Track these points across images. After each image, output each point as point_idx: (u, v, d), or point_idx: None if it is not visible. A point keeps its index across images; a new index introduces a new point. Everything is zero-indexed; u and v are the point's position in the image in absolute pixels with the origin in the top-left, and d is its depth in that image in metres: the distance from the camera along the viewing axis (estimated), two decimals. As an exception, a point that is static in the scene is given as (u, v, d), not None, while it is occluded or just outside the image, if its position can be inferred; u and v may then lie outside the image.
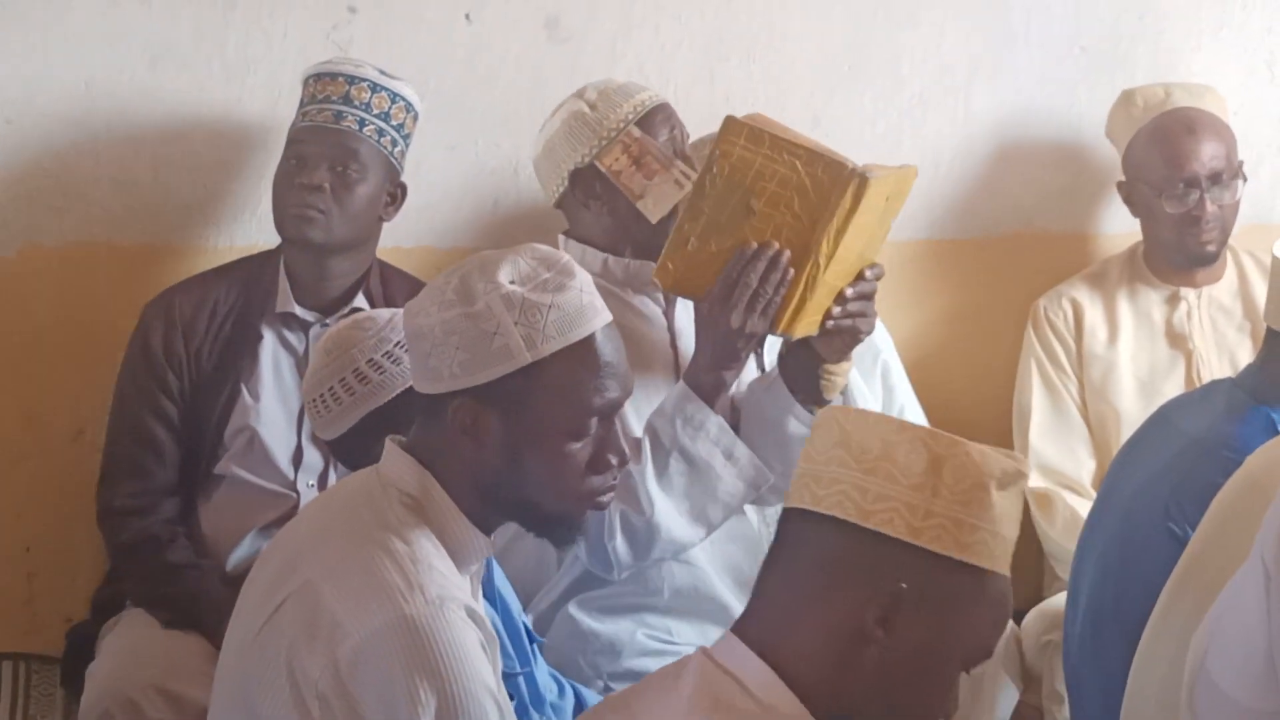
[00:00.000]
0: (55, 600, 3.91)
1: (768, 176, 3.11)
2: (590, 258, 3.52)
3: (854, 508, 2.15)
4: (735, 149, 3.12)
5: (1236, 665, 2.34)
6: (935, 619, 2.15)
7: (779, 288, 3.15)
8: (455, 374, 2.46)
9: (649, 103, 3.55)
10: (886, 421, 2.20)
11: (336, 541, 2.48)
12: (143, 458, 3.64)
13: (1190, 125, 4.11)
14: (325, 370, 2.99)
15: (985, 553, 2.17)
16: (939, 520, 2.14)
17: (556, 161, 3.57)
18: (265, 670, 2.43)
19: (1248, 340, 4.19)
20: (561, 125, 3.56)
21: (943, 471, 2.15)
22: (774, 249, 3.13)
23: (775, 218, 3.13)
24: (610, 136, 3.51)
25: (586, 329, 2.49)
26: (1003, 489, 2.17)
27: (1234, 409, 3.25)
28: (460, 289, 2.48)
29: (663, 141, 3.52)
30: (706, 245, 3.16)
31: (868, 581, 2.14)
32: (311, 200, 3.61)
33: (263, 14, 3.91)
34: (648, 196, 3.48)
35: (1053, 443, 4.17)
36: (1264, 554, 2.31)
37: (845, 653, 2.15)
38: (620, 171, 3.49)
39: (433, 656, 2.35)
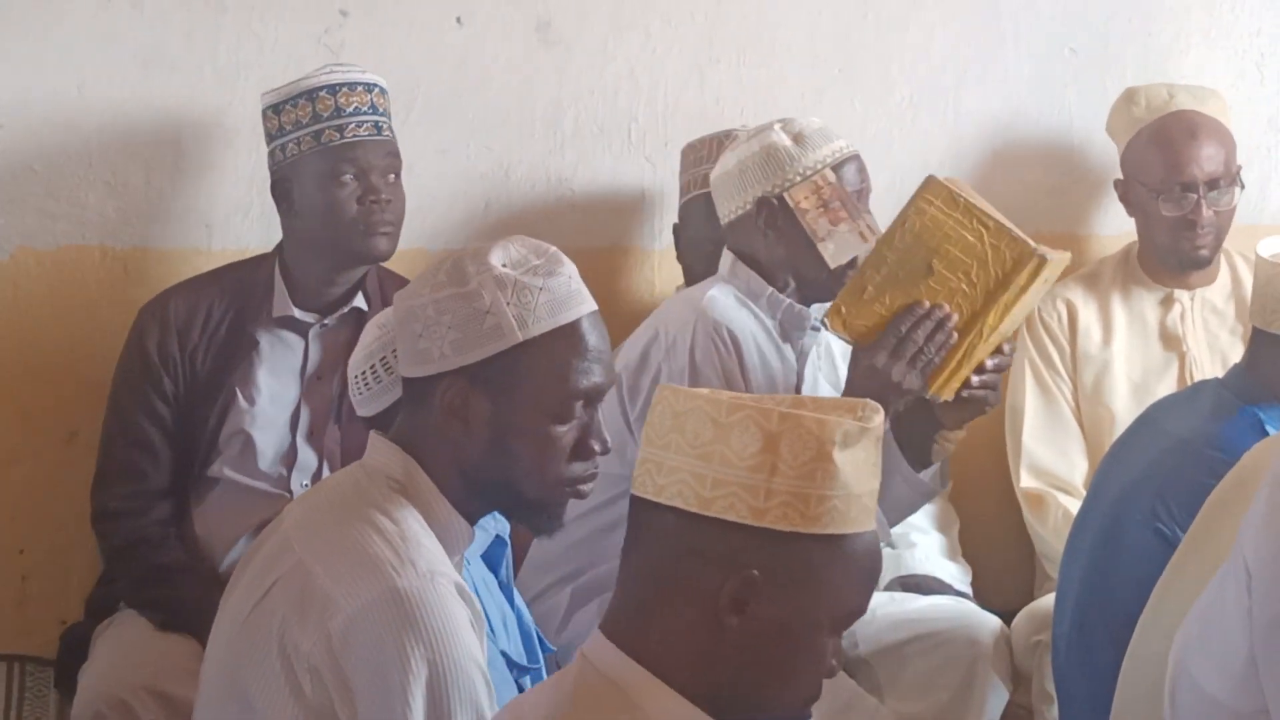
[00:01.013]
0: (49, 602, 3.91)
1: (954, 240, 3.23)
2: (756, 285, 3.57)
3: (694, 497, 2.11)
4: (931, 208, 3.24)
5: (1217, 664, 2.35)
6: (793, 595, 2.11)
7: (941, 350, 3.27)
8: (446, 354, 2.50)
9: (845, 151, 3.59)
10: (715, 403, 2.13)
11: (326, 524, 2.51)
12: (136, 460, 3.65)
13: (1192, 129, 4.10)
14: (376, 344, 2.98)
15: (838, 519, 2.11)
16: (781, 498, 2.09)
17: (746, 184, 3.59)
18: (256, 650, 2.46)
19: (1240, 343, 4.18)
20: (759, 151, 3.57)
21: (779, 448, 2.09)
22: (945, 311, 3.25)
23: (951, 282, 3.24)
24: (805, 175, 3.54)
25: (575, 313, 2.53)
26: (848, 448, 2.11)
27: (1220, 409, 3.26)
28: (452, 272, 2.52)
29: (852, 192, 3.56)
30: (882, 296, 3.28)
31: (717, 570, 2.10)
32: (385, 216, 3.63)
33: (254, 18, 3.91)
34: (830, 241, 3.52)
35: (1046, 444, 4.17)
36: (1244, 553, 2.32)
37: (706, 641, 2.12)
38: (808, 211, 3.53)
39: (425, 627, 2.38)
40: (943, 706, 3.72)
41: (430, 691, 2.38)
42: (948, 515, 4.16)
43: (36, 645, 3.86)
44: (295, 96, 3.64)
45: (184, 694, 3.31)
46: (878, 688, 3.74)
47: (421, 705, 2.38)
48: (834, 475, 2.11)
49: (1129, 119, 4.17)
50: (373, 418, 2.98)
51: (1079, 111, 4.37)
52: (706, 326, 3.51)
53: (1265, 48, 4.50)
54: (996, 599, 4.06)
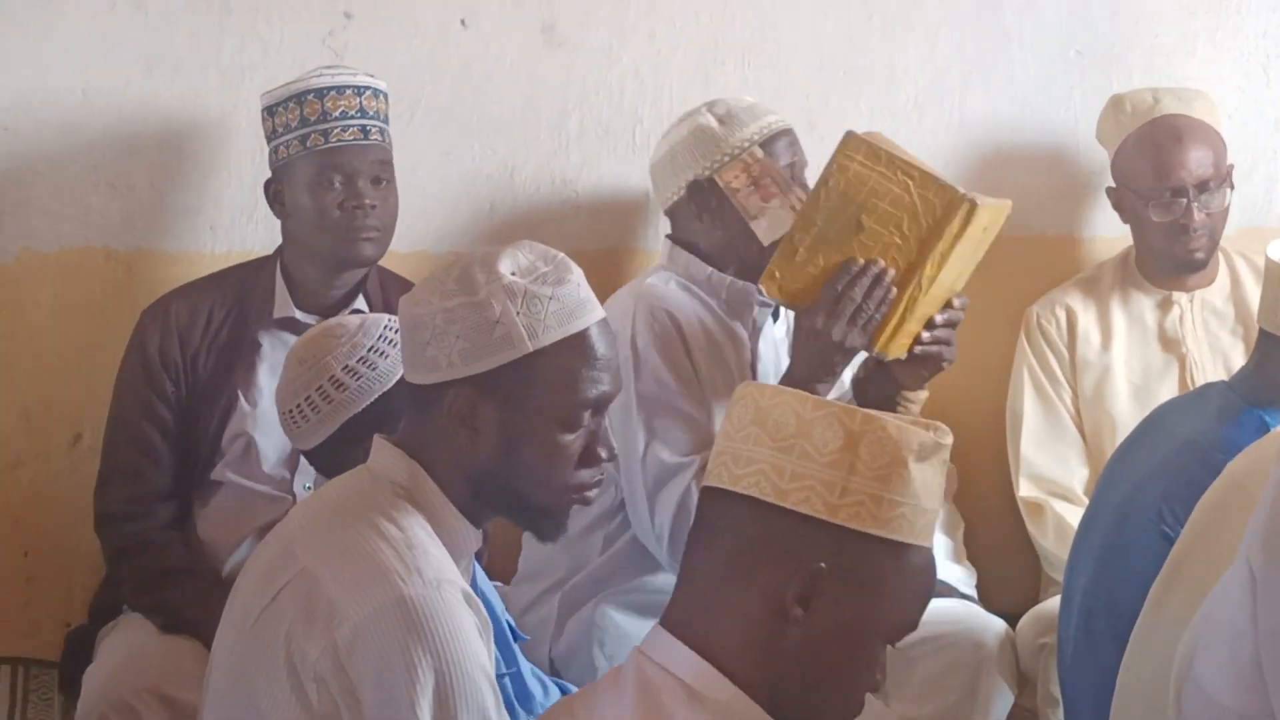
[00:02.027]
0: (53, 605, 3.92)
1: (881, 194, 3.19)
2: (696, 269, 3.58)
3: (770, 487, 2.14)
4: (853, 164, 3.21)
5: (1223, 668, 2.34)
6: (856, 596, 2.14)
7: (881, 305, 3.23)
8: (454, 363, 2.49)
9: (774, 126, 3.59)
10: (802, 399, 2.18)
11: (332, 530, 2.51)
12: (139, 464, 3.65)
13: (1177, 133, 4.09)
14: (301, 380, 2.99)
15: (906, 527, 2.15)
16: (857, 497, 2.13)
17: (677, 169, 3.61)
18: (262, 657, 2.45)
19: (1241, 343, 4.18)
20: (688, 135, 3.60)
21: (859, 448, 2.13)
22: (880, 266, 3.22)
23: (884, 236, 3.20)
24: (733, 154, 3.55)
25: (584, 322, 2.53)
26: (922, 461, 2.15)
27: (1226, 411, 3.26)
28: (461, 279, 2.51)
29: (783, 166, 3.55)
30: (815, 257, 3.24)
31: (787, 561, 2.13)
32: (369, 221, 3.62)
33: (258, 20, 3.91)
34: (763, 218, 3.51)
35: (1045, 451, 4.17)
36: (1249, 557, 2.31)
37: (769, 634, 2.15)
38: (739, 190, 3.52)
39: (431, 636, 2.37)
40: (948, 709, 3.72)
41: (437, 700, 2.38)
42: (952, 518, 4.16)
43: (41, 648, 3.87)
44: (286, 99, 3.64)
45: (188, 697, 3.32)
46: (883, 691, 3.73)
47: (429, 714, 2.37)
48: (908, 483, 2.15)
49: (1116, 126, 4.17)
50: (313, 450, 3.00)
51: (1084, 113, 4.36)
52: (645, 313, 3.51)
53: (1271, 49, 4.49)
54: (1002, 602, 4.05)
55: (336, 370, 2.96)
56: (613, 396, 2.57)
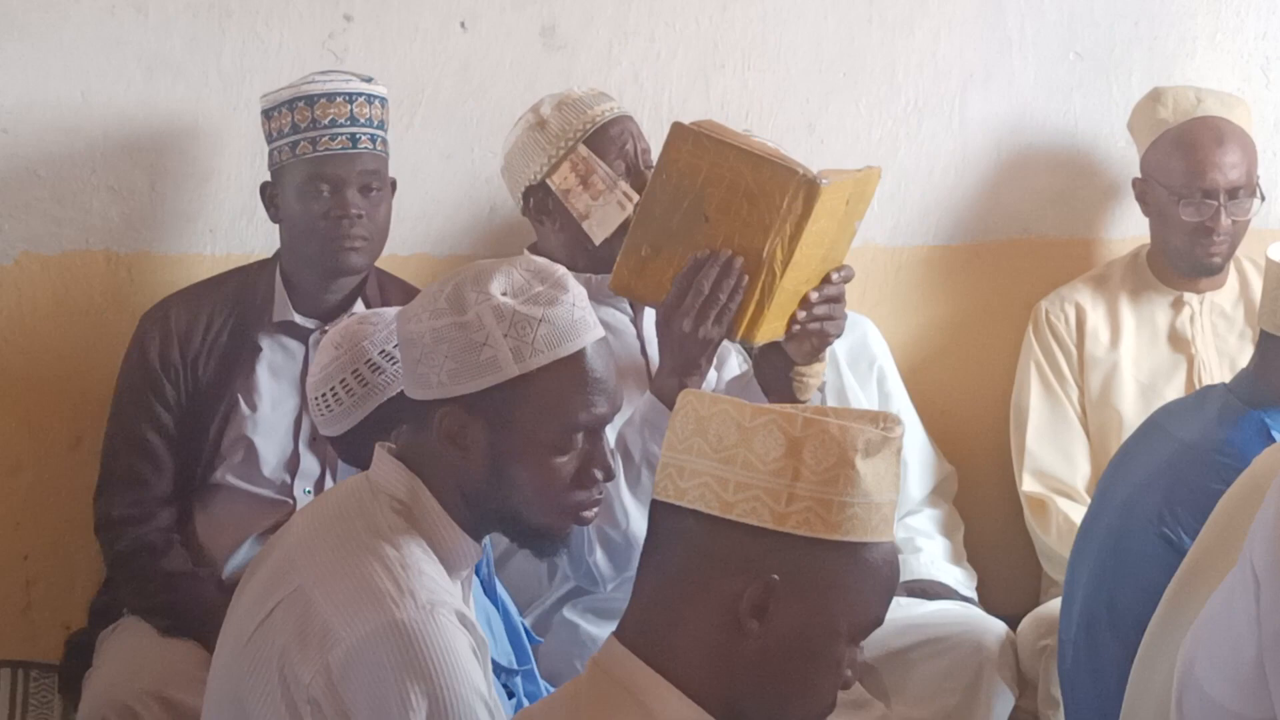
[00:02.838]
0: (53, 608, 3.91)
1: (716, 182, 3.09)
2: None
3: (715, 500, 2.11)
4: (682, 155, 3.10)
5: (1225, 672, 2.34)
6: (813, 601, 2.10)
7: (734, 294, 3.12)
8: (443, 382, 2.47)
9: (602, 117, 3.55)
10: (740, 408, 2.13)
11: (327, 547, 2.49)
12: (139, 467, 3.65)
13: (1219, 135, 4.09)
14: (333, 365, 2.98)
15: (859, 526, 2.11)
16: (804, 504, 2.09)
17: (514, 176, 3.60)
18: (257, 674, 2.44)
19: (1249, 347, 4.17)
20: (517, 139, 3.58)
21: (803, 453, 2.09)
22: (726, 256, 3.11)
23: (728, 224, 3.11)
24: (560, 155, 3.52)
25: (576, 344, 2.49)
26: (870, 457, 2.11)
27: (1227, 414, 3.25)
28: (452, 298, 2.48)
29: (613, 158, 3.51)
30: (660, 252, 3.15)
31: (738, 574, 2.10)
32: (354, 231, 3.61)
33: (258, 23, 3.91)
34: (592, 217, 3.48)
35: (1050, 448, 4.17)
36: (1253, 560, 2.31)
37: (725, 647, 2.12)
38: (569, 190, 3.50)
39: (424, 661, 2.35)
40: (949, 711, 3.72)
41: None
42: (952, 520, 4.16)
43: (41, 651, 3.86)
44: (280, 104, 3.64)
45: (188, 699, 3.32)
46: (884, 693, 3.73)
47: None
48: (855, 482, 2.10)
49: (1153, 120, 4.15)
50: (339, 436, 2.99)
51: (1084, 116, 4.36)
52: None
53: (1270, 51, 4.49)
54: (1002, 604, 4.05)
55: (373, 354, 2.94)
56: (609, 418, 2.53)
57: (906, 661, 3.73)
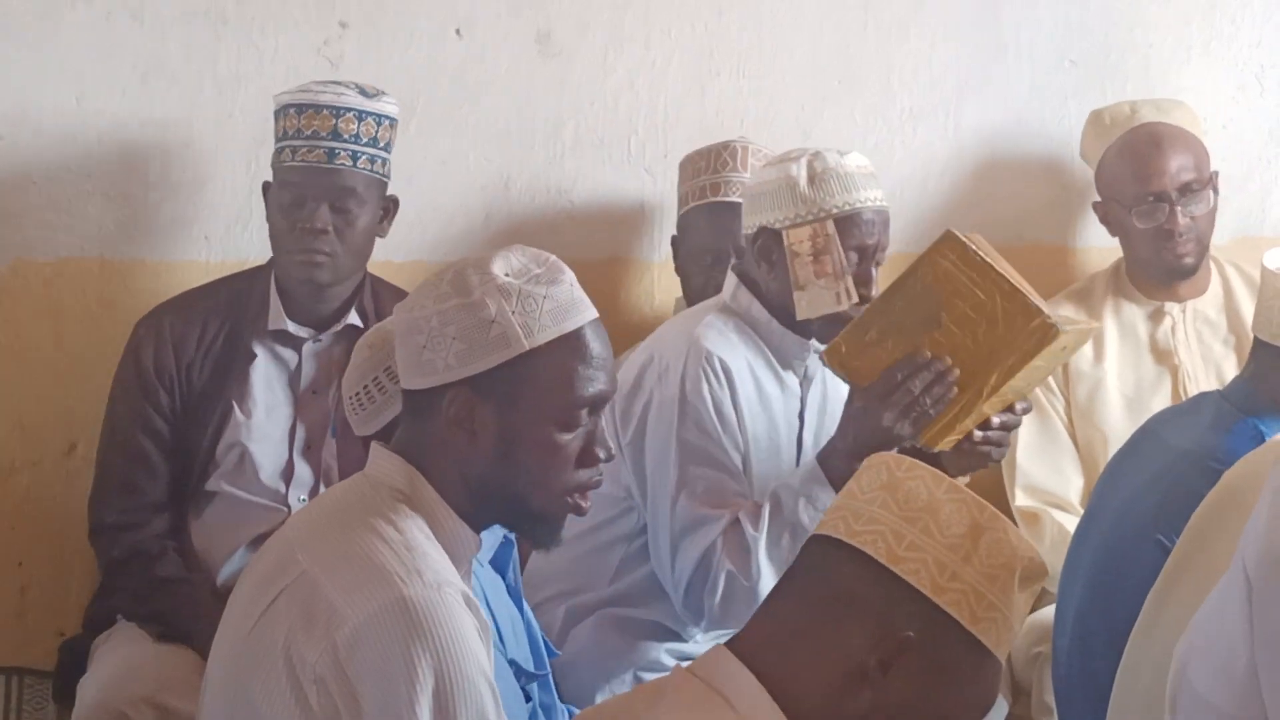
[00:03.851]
0: (47, 614, 3.91)
1: (964, 296, 3.19)
2: (757, 310, 3.53)
3: (885, 549, 2.15)
4: (945, 262, 3.20)
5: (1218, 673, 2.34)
6: (930, 680, 2.14)
7: (938, 403, 3.22)
8: (451, 365, 2.50)
9: (862, 204, 3.48)
10: (937, 478, 2.20)
11: (331, 535, 2.51)
12: (134, 474, 3.64)
13: (1156, 139, 4.11)
14: (368, 364, 2.99)
15: (993, 634, 2.16)
16: (963, 586, 2.14)
17: (756, 208, 3.54)
18: (261, 661, 2.45)
19: (1233, 354, 4.19)
20: (776, 178, 3.51)
21: (980, 540, 2.15)
22: (946, 365, 3.20)
23: (957, 337, 3.20)
24: (807, 218, 3.48)
25: (578, 320, 2.53)
26: (1025, 580, 2.18)
27: (1221, 421, 3.25)
28: (455, 282, 2.52)
29: (851, 247, 3.46)
30: (884, 341, 3.24)
31: (880, 623, 2.13)
32: (316, 245, 3.60)
33: (254, 30, 3.92)
34: (807, 291, 3.47)
35: (1040, 462, 4.17)
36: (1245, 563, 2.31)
37: (841, 687, 2.14)
38: (799, 255, 3.49)
39: (432, 637, 2.37)
40: (943, 719, 3.72)
41: (437, 702, 2.37)
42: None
43: (35, 657, 3.87)
44: (282, 107, 3.66)
45: (183, 706, 3.32)
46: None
47: (428, 715, 2.37)
48: (1010, 592, 2.16)
49: (1096, 139, 4.18)
50: (374, 436, 2.98)
51: (1079, 123, 4.36)
52: (698, 357, 3.47)
53: (1264, 59, 4.50)
54: (997, 611, 4.05)
55: None
56: (609, 396, 2.57)
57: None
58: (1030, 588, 2.20)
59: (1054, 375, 4.18)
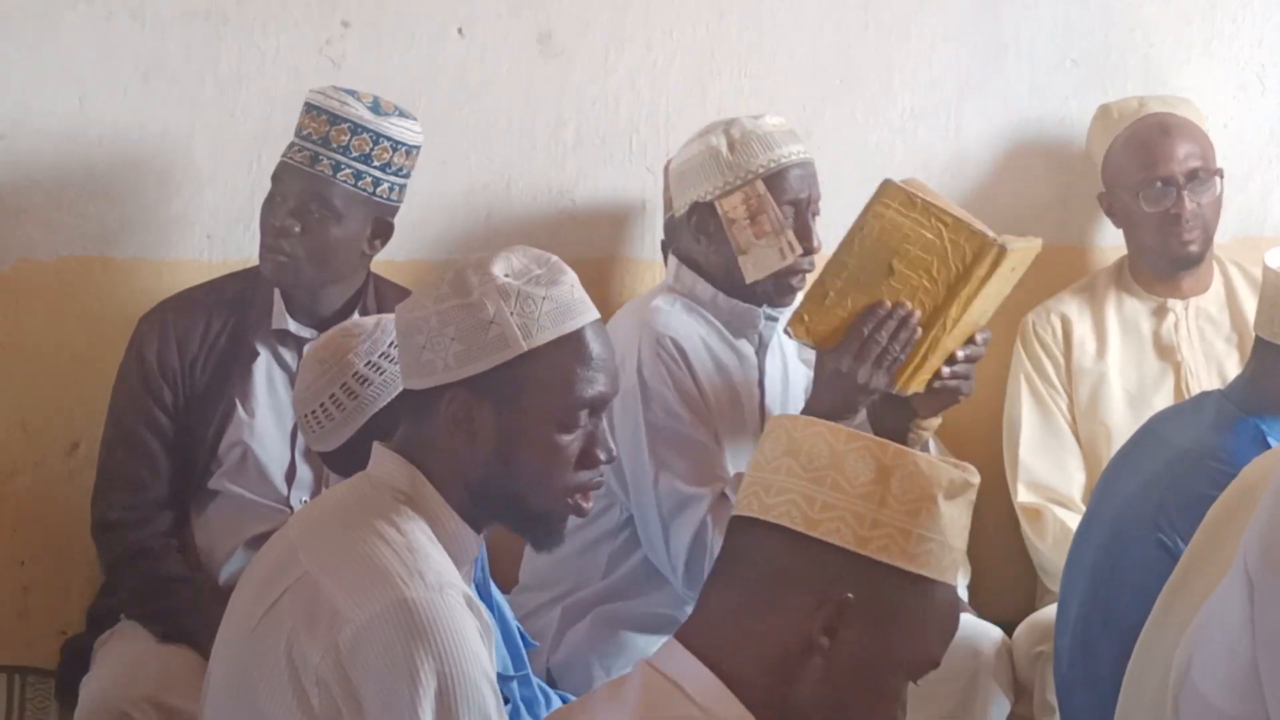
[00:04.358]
0: (50, 613, 3.92)
1: (913, 240, 3.22)
2: (701, 288, 3.58)
3: (801, 517, 2.15)
4: (889, 211, 3.23)
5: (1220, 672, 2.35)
6: (881, 629, 2.15)
7: (906, 347, 3.25)
8: (450, 365, 2.50)
9: (786, 159, 3.54)
10: (835, 431, 2.19)
11: (333, 535, 2.51)
12: (137, 471, 3.65)
13: (1164, 127, 4.14)
14: (321, 380, 2.98)
15: (933, 563, 2.16)
16: (887, 530, 2.13)
17: (684, 185, 3.59)
18: (264, 662, 2.45)
19: (1235, 351, 4.19)
20: (698, 153, 3.56)
21: (890, 481, 2.15)
22: (907, 309, 3.23)
23: (912, 280, 3.24)
24: (736, 184, 3.52)
25: (578, 321, 2.53)
26: (950, 499, 2.16)
27: (1222, 420, 3.26)
28: (455, 283, 2.52)
29: (785, 203, 3.51)
30: (844, 300, 3.27)
31: (814, 591, 2.14)
32: (279, 244, 3.59)
33: (255, 29, 3.92)
34: (750, 255, 3.50)
35: (1043, 458, 4.17)
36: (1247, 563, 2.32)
37: (790, 661, 2.15)
38: (735, 221, 3.51)
39: (434, 638, 2.37)
40: (944, 717, 3.72)
41: (440, 703, 2.38)
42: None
43: (38, 656, 3.87)
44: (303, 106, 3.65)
45: (185, 705, 3.32)
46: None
47: (430, 717, 2.37)
48: (937, 518, 2.15)
49: (1104, 131, 4.20)
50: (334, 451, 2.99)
51: (1080, 122, 4.37)
52: (651, 341, 3.50)
53: (1265, 59, 4.51)
54: (998, 610, 4.06)
55: (360, 366, 2.95)
56: (610, 397, 2.57)
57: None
58: (958, 499, 2.18)
59: (1057, 372, 4.20)
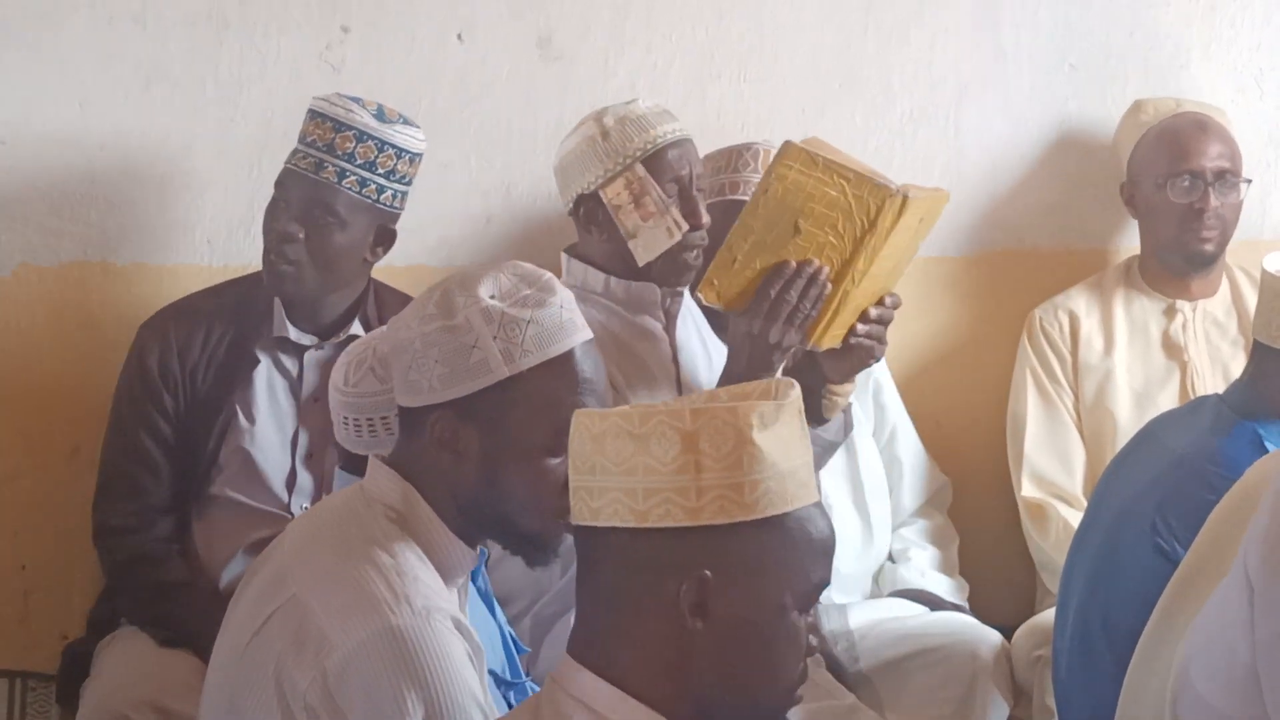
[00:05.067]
0: (51, 618, 3.92)
1: (817, 198, 3.22)
2: (592, 278, 3.57)
3: (629, 512, 2.11)
4: (791, 172, 3.22)
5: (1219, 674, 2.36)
6: (750, 584, 2.10)
7: (816, 303, 3.24)
8: (434, 387, 2.48)
9: (663, 139, 3.55)
10: (628, 416, 2.14)
11: (323, 556, 2.50)
12: (138, 477, 3.65)
13: (1201, 124, 4.17)
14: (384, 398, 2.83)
15: (775, 499, 2.11)
16: (714, 493, 2.09)
17: (567, 180, 3.60)
18: (253, 683, 2.45)
19: (1241, 354, 4.18)
20: (575, 146, 3.58)
21: (699, 445, 2.09)
22: (814, 266, 3.23)
23: (819, 237, 3.23)
24: (616, 170, 3.53)
25: (565, 344, 2.50)
26: (767, 428, 2.11)
27: (1220, 424, 3.26)
28: (441, 303, 2.50)
29: (667, 181, 3.53)
30: (751, 263, 3.27)
31: (670, 578, 2.10)
32: (282, 250, 3.60)
33: (256, 34, 3.92)
34: (639, 238, 3.51)
35: (1047, 454, 4.18)
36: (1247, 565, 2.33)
37: (676, 651, 2.12)
38: (620, 207, 3.52)
39: (420, 666, 2.36)
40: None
41: None
42: (947, 531, 4.17)
43: (39, 661, 3.87)
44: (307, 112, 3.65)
45: (185, 710, 3.32)
46: (878, 703, 3.74)
47: None
48: (759, 458, 2.10)
49: (1135, 126, 4.21)
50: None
51: (1079, 126, 4.37)
52: None
53: (1264, 63, 4.50)
54: (997, 614, 4.06)
55: None
56: None
57: (901, 671, 3.74)
58: (777, 422, 2.12)
59: (1063, 367, 4.20)
